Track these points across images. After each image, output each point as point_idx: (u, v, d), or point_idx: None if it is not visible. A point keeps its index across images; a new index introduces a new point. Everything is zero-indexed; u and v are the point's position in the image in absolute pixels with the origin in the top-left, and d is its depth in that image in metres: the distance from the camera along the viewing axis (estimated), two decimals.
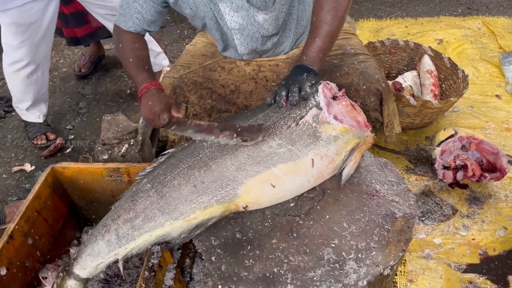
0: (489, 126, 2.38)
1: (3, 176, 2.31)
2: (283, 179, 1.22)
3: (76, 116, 2.72)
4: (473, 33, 3.26)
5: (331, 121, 1.24)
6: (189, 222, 1.22)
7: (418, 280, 1.64)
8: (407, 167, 2.15)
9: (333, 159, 1.26)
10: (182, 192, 1.22)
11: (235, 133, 1.25)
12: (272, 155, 1.21)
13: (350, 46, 1.80)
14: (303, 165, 1.22)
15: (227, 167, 1.22)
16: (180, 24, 3.81)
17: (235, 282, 1.13)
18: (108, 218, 1.28)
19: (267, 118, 1.29)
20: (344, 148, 1.26)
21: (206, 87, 1.79)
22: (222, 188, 1.22)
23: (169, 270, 1.50)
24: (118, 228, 1.23)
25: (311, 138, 1.23)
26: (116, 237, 1.23)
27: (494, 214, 1.89)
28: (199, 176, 1.23)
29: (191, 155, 1.28)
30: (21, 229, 1.51)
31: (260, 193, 1.23)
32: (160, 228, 1.22)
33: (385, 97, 1.71)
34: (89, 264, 1.27)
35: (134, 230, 1.22)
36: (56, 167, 1.70)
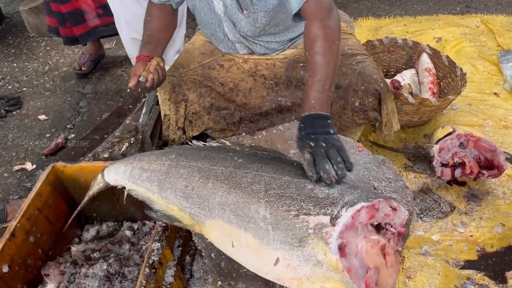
0: (487, 124, 2.39)
1: (4, 175, 2.32)
2: (243, 249, 1.10)
3: (77, 115, 2.73)
4: (472, 31, 3.27)
5: (331, 246, 0.96)
6: (167, 208, 1.29)
7: (416, 277, 1.65)
8: (406, 165, 2.16)
9: (301, 279, 1.01)
10: (177, 183, 1.26)
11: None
12: (252, 220, 1.08)
13: (348, 46, 1.81)
14: (266, 255, 1.05)
15: (215, 194, 1.17)
16: None
17: (234, 279, 1.15)
18: (138, 156, 1.48)
19: (288, 184, 1.12)
20: (320, 280, 0.99)
21: (205, 85, 1.81)
22: (198, 207, 1.20)
23: (170, 267, 1.51)
24: (134, 169, 1.43)
25: (294, 240, 1.01)
26: (130, 172, 1.44)
27: (492, 211, 1.90)
28: (195, 183, 1.23)
29: (208, 160, 1.27)
30: (23, 227, 1.52)
31: (219, 241, 1.18)
32: (151, 194, 1.36)
33: (383, 96, 1.72)
34: (112, 173, 1.52)
35: (139, 179, 1.40)
36: (57, 166, 1.71)
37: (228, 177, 1.18)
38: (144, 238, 1.80)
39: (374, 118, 1.77)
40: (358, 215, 0.97)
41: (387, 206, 1.02)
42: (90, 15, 2.68)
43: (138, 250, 1.75)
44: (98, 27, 2.81)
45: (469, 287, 1.62)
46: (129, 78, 2.83)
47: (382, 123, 1.81)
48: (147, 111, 2.14)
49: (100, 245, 1.75)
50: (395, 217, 1.03)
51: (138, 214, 1.87)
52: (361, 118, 1.77)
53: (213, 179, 1.20)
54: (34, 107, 2.84)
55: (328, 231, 0.96)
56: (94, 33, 2.89)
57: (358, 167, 1.39)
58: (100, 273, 1.62)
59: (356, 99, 1.71)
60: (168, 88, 1.82)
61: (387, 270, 0.96)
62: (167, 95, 1.85)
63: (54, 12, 2.73)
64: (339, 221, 0.96)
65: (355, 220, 0.97)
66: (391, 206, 1.02)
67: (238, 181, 1.15)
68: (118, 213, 1.89)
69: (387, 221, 1.02)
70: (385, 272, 0.96)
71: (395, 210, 1.02)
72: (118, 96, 2.89)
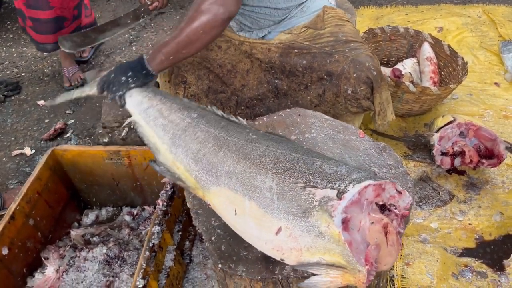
0: (487, 114, 2.39)
1: (3, 159, 2.32)
2: (245, 217, 1.10)
3: (76, 101, 2.72)
4: (473, 21, 3.25)
5: (335, 219, 0.96)
6: (173, 165, 1.27)
7: (415, 264, 1.66)
8: (406, 153, 2.17)
9: (301, 250, 1.00)
10: (191, 144, 1.25)
11: None
12: (257, 190, 1.08)
13: (342, 33, 1.78)
14: (268, 224, 1.04)
15: (225, 163, 1.17)
16: (180, 10, 3.79)
17: (234, 262, 1.14)
18: (160, 96, 1.40)
19: (296, 155, 1.13)
20: (320, 252, 0.98)
21: (203, 67, 1.80)
22: (206, 173, 1.19)
23: (169, 251, 1.52)
24: (151, 107, 1.37)
25: (299, 211, 1.01)
26: (145, 108, 1.38)
27: (490, 199, 1.91)
28: (207, 149, 1.22)
29: (225, 130, 1.25)
30: (22, 210, 1.53)
31: (222, 208, 1.17)
32: (160, 143, 1.31)
33: (376, 85, 1.69)
34: (132, 98, 1.42)
35: (154, 122, 1.35)
36: (56, 150, 1.71)
37: (239, 148, 1.18)
38: (144, 223, 1.80)
39: (367, 107, 1.75)
40: (365, 192, 0.98)
41: (393, 188, 1.02)
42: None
43: (138, 235, 1.75)
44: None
45: (467, 274, 1.63)
46: None
47: (375, 113, 1.79)
48: None
49: (100, 230, 1.76)
50: (399, 200, 1.03)
51: (138, 200, 1.87)
52: (354, 106, 1.76)
53: (225, 148, 1.20)
54: (33, 92, 2.82)
55: (334, 204, 0.97)
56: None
57: (358, 153, 1.39)
58: (100, 257, 1.63)
59: (348, 87, 1.69)
60: (167, 71, 1.81)
61: (387, 248, 0.97)
62: (166, 77, 1.84)
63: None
64: (345, 196, 0.97)
65: (361, 196, 0.98)
66: (397, 189, 1.02)
67: (248, 153, 1.16)
68: (117, 198, 1.89)
69: (392, 202, 1.02)
70: (385, 251, 0.97)
71: (400, 194, 1.02)
72: None
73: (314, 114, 1.55)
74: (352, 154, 1.39)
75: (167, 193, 1.48)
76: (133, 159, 1.69)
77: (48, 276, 1.58)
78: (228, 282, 1.23)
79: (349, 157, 1.37)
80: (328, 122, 1.53)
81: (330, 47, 1.73)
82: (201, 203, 1.28)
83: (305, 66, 1.74)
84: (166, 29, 3.50)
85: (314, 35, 1.77)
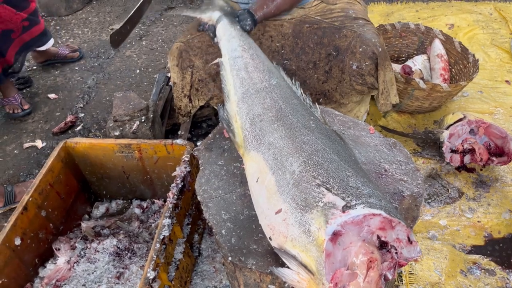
0: (498, 111, 2.38)
1: (15, 151, 2.34)
2: (262, 187, 1.13)
3: (86, 95, 2.74)
4: (485, 18, 3.23)
5: (328, 226, 0.92)
6: (234, 117, 1.36)
7: (423, 260, 1.66)
8: (415, 150, 2.16)
9: (286, 237, 1.01)
10: (256, 107, 1.31)
11: None
12: (282, 168, 1.11)
13: (352, 10, 1.87)
14: (275, 201, 1.07)
15: (272, 135, 1.21)
16: (190, 5, 3.80)
17: (244, 255, 1.15)
18: (252, 50, 1.52)
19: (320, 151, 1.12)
20: (299, 248, 0.98)
21: (211, 52, 1.82)
22: (254, 137, 1.25)
23: (179, 244, 1.53)
24: (240, 57, 1.49)
25: (303, 202, 1.01)
26: (235, 57, 1.50)
27: (500, 197, 1.90)
28: (266, 116, 1.27)
29: (291, 107, 1.28)
30: (35, 201, 1.54)
31: (250, 171, 1.22)
32: (233, 93, 1.41)
33: (380, 62, 1.74)
34: (229, 43, 1.58)
35: (237, 72, 1.45)
36: (68, 142, 1.72)
37: (292, 128, 1.20)
38: (153, 216, 1.82)
39: (371, 84, 1.79)
40: (371, 219, 0.93)
41: (405, 233, 0.95)
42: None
43: (147, 227, 1.77)
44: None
45: (475, 271, 1.63)
46: (138, 59, 2.84)
47: (379, 91, 1.83)
48: (157, 91, 2.14)
49: (110, 222, 1.77)
50: (405, 249, 0.96)
51: (148, 193, 1.89)
52: (359, 83, 1.80)
53: (280, 123, 1.23)
54: (44, 86, 2.84)
55: (335, 213, 0.94)
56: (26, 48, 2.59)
57: (369, 149, 1.39)
58: (110, 249, 1.64)
59: (354, 62, 1.74)
60: (176, 54, 1.84)
61: (362, 283, 0.89)
62: (175, 61, 1.86)
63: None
64: (350, 212, 0.93)
65: (365, 221, 0.93)
66: (409, 237, 0.95)
67: (296, 135, 1.18)
68: (127, 191, 1.90)
69: (395, 245, 0.95)
70: (359, 284, 0.89)
71: (411, 244, 0.96)
72: (127, 77, 2.89)
73: (325, 110, 1.56)
74: (362, 149, 1.40)
75: (177, 186, 1.49)
76: (143, 152, 1.71)
77: (59, 266, 1.60)
78: (237, 275, 1.24)
79: (359, 153, 1.37)
80: (338, 117, 1.53)
81: (339, 22, 1.81)
82: (211, 196, 1.29)
83: (316, 41, 1.80)
84: (176, 24, 3.51)
85: (325, 10, 1.85)
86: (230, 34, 1.60)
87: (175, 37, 3.32)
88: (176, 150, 1.67)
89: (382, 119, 2.35)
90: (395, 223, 0.94)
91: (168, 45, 3.23)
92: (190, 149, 1.61)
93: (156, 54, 3.13)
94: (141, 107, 1.84)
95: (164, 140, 1.67)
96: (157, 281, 1.30)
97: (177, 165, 1.56)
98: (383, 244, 0.94)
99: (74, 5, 3.73)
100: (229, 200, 1.29)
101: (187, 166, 1.55)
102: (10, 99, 2.56)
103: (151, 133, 1.84)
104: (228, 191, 1.31)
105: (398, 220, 0.94)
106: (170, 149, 1.68)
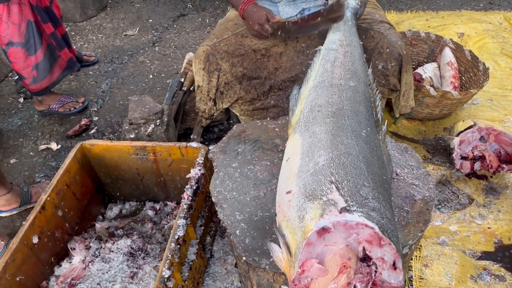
0: (508, 120, 2.39)
1: (30, 153, 2.39)
2: (288, 167, 1.20)
3: (100, 99, 2.79)
4: (494, 27, 3.25)
5: (321, 220, 0.95)
6: (300, 100, 1.44)
7: (433, 265, 1.68)
8: (425, 157, 2.18)
9: (284, 217, 1.07)
10: (323, 97, 1.36)
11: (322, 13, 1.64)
12: (310, 156, 1.16)
13: (378, 15, 1.96)
14: (290, 182, 1.13)
15: (320, 126, 1.24)
16: (202, 13, 3.85)
17: (258, 255, 1.17)
18: (348, 47, 1.57)
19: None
20: (289, 229, 1.03)
21: (238, 55, 1.86)
22: (305, 121, 1.30)
23: (192, 245, 1.56)
24: (334, 50, 1.56)
25: (310, 191, 1.05)
26: (329, 49, 1.57)
27: (510, 204, 1.91)
28: (324, 108, 1.31)
29: (354, 113, 1.30)
30: (52, 201, 1.58)
31: (287, 150, 1.30)
32: (312, 80, 1.48)
33: (405, 64, 1.82)
34: (333, 34, 1.67)
35: (324, 62, 1.52)
36: (85, 144, 1.76)
37: (339, 128, 1.23)
38: (166, 218, 1.85)
39: (393, 85, 1.86)
40: (361, 229, 0.93)
41: (392, 257, 0.94)
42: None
43: (160, 229, 1.80)
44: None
45: (485, 277, 1.64)
46: (151, 64, 2.88)
47: (401, 93, 1.89)
48: (171, 96, 2.18)
49: (123, 223, 1.81)
50: (387, 272, 0.94)
51: (161, 195, 1.92)
52: (381, 84, 1.87)
53: (333, 119, 1.26)
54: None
55: (332, 211, 0.96)
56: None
57: None
58: (124, 249, 1.67)
59: (380, 62, 1.81)
60: (202, 58, 1.87)
61: (328, 281, 0.91)
62: (201, 65, 1.89)
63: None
64: (346, 215, 0.95)
65: (356, 229, 0.93)
66: (395, 263, 0.94)
67: (340, 134, 1.20)
68: (141, 193, 1.94)
69: (379, 265, 0.94)
70: (325, 281, 0.91)
71: (395, 269, 0.94)
72: (141, 82, 2.94)
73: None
74: None
75: (192, 188, 1.52)
76: (158, 155, 1.74)
77: (74, 265, 1.63)
78: (251, 275, 1.26)
79: None
80: None
81: (366, 24, 1.88)
82: (226, 197, 1.32)
83: None
84: (188, 31, 3.56)
85: None
86: (337, 27, 1.68)
87: (188, 43, 3.37)
88: (190, 153, 1.70)
89: (393, 126, 2.37)
90: (384, 242, 0.93)
91: (180, 51, 3.28)
92: (204, 152, 1.64)
93: (169, 59, 3.18)
94: (156, 110, 1.87)
95: (178, 143, 1.71)
96: (172, 280, 1.32)
97: (191, 168, 1.59)
98: (366, 258, 0.94)
99: (89, 12, 3.81)
100: (243, 201, 1.31)
101: (201, 168, 1.58)
102: (62, 100, 2.66)
103: (165, 136, 1.88)
104: (242, 193, 1.34)
105: (389, 242, 0.93)
106: (184, 152, 1.71)
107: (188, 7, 3.95)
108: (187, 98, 2.32)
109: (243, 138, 1.55)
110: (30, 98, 2.79)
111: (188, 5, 3.97)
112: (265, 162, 1.44)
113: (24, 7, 2.18)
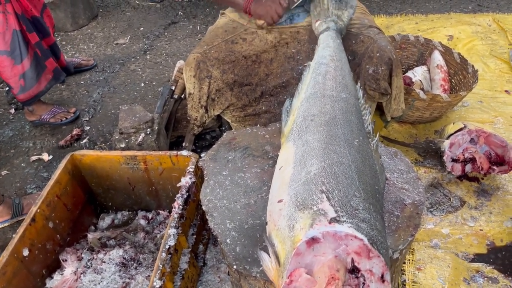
0: (498, 121, 2.41)
1: (22, 165, 2.38)
2: (280, 175, 1.21)
3: (91, 108, 2.78)
4: (483, 29, 3.27)
5: (310, 230, 0.95)
6: (292, 111, 1.45)
7: (426, 269, 1.68)
8: (416, 160, 2.18)
9: (275, 226, 1.07)
10: (315, 108, 1.36)
11: None
12: (302, 165, 1.16)
13: (367, 20, 1.98)
14: (282, 191, 1.13)
15: (313, 135, 1.25)
16: (193, 20, 3.86)
17: (249, 263, 1.17)
18: (339, 62, 1.57)
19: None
20: (279, 238, 1.04)
21: (228, 61, 1.87)
22: (298, 130, 1.31)
23: (184, 254, 1.56)
24: (324, 65, 1.56)
25: (301, 201, 1.05)
26: (320, 63, 1.57)
27: (502, 206, 1.92)
28: (318, 119, 1.31)
29: (347, 124, 1.30)
30: (43, 213, 1.57)
31: (280, 158, 1.31)
32: (304, 92, 1.48)
33: (395, 68, 1.84)
34: (327, 49, 1.65)
35: (315, 75, 1.53)
36: (75, 155, 1.76)
37: (332, 137, 1.23)
38: (158, 227, 1.84)
39: (384, 89, 1.87)
40: (350, 240, 0.93)
41: (381, 270, 0.94)
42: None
43: (153, 238, 1.79)
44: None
45: (478, 279, 1.64)
46: (143, 72, 2.89)
47: (392, 97, 1.92)
48: (162, 104, 2.18)
49: (116, 233, 1.80)
50: (375, 284, 0.94)
51: (153, 204, 1.91)
52: (372, 88, 1.88)
53: (325, 128, 1.26)
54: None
55: (322, 221, 0.96)
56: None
57: None
58: (116, 259, 1.66)
59: (370, 66, 1.82)
60: (193, 65, 1.87)
61: None
62: (192, 72, 1.89)
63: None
64: (335, 225, 0.94)
65: (345, 240, 0.93)
66: (383, 276, 0.94)
67: (332, 143, 1.20)
68: (133, 202, 1.93)
69: (367, 277, 0.94)
70: None
71: (383, 282, 0.94)
72: (132, 91, 2.94)
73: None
74: None
75: (182, 197, 1.52)
76: (149, 164, 1.74)
77: (66, 277, 1.62)
78: (242, 283, 1.26)
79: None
80: None
81: (355, 29, 1.90)
82: (216, 206, 1.32)
83: None
84: (180, 38, 3.57)
85: None
86: (327, 44, 1.68)
87: (179, 51, 3.38)
88: (181, 162, 1.70)
89: (384, 129, 2.38)
90: (373, 254, 0.93)
91: (172, 58, 3.28)
92: (195, 160, 1.64)
93: (160, 67, 3.18)
94: (146, 119, 1.87)
95: (169, 152, 1.71)
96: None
97: (182, 176, 1.59)
98: (354, 269, 0.94)
99: (80, 21, 3.80)
100: (234, 209, 1.31)
101: (192, 176, 1.58)
102: (53, 111, 2.64)
103: (156, 145, 1.88)
104: (233, 201, 1.34)
105: (378, 254, 0.93)
106: (175, 161, 1.71)
107: (179, 14, 3.96)
108: (179, 106, 2.31)
109: (233, 145, 1.55)
110: (21, 109, 2.78)
111: (179, 13, 3.98)
112: (255, 169, 1.44)
113: (9, 16, 2.18)
